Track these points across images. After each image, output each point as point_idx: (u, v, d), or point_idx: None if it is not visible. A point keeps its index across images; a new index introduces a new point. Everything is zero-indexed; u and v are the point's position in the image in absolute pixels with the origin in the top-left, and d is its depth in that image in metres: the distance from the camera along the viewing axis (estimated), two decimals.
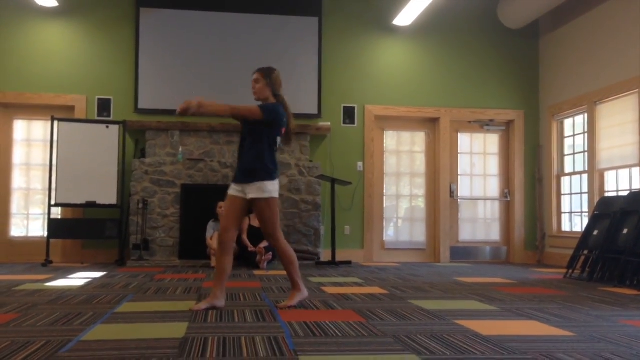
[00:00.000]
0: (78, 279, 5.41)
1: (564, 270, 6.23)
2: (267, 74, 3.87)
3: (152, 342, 2.71)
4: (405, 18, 7.86)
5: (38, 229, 7.66)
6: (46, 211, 7.17)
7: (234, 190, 3.82)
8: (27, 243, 7.56)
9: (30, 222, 7.69)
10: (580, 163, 7.70)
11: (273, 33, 7.91)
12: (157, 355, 2.45)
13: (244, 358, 2.44)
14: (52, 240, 7.08)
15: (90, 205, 7.06)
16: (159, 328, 3.07)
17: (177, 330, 2.98)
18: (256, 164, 3.75)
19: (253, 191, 3.73)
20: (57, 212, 7.37)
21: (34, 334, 2.90)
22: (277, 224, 3.82)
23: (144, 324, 3.18)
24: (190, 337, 2.82)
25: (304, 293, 3.86)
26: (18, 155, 7.67)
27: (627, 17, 6.74)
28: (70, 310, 3.62)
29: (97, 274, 5.87)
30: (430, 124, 8.39)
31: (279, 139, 3.86)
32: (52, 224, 7.05)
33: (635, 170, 6.61)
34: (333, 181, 7.28)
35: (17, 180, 7.65)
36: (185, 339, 2.78)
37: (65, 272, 6.05)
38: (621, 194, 6.74)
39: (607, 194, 7.03)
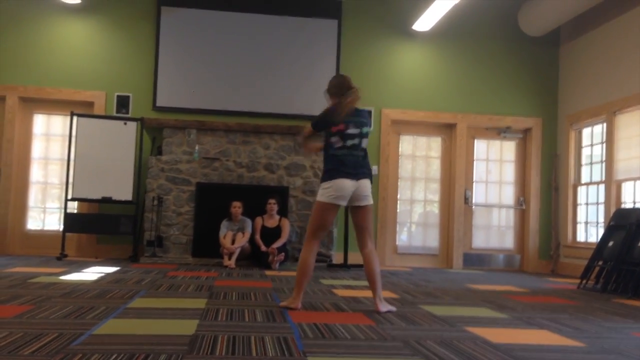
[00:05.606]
0: (92, 274, 5.47)
1: (578, 281, 6.18)
2: (326, 92, 4.08)
3: (163, 338, 2.74)
4: (424, 23, 7.84)
5: (54, 222, 7.75)
6: (62, 205, 7.25)
7: None
8: (42, 236, 7.65)
9: (46, 215, 7.78)
10: (598, 173, 7.63)
11: (292, 34, 7.93)
12: (167, 351, 2.47)
13: (252, 357, 2.45)
14: (67, 234, 7.17)
15: (106, 200, 7.12)
16: (170, 324, 3.09)
17: (187, 327, 3.00)
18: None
19: None
20: (73, 207, 7.45)
21: (46, 326, 2.93)
22: (312, 226, 3.85)
23: (155, 320, 3.21)
24: (201, 334, 2.84)
25: (297, 304, 3.78)
26: (37, 149, 7.76)
27: None
28: (83, 304, 3.66)
29: (111, 269, 5.92)
30: (447, 129, 8.37)
31: (335, 139, 3.84)
32: (68, 218, 7.12)
33: None
34: None
35: (35, 174, 7.74)
36: (195, 336, 2.80)
37: (79, 266, 6.11)
38: (638, 205, 6.67)
39: (623, 206, 6.96)
